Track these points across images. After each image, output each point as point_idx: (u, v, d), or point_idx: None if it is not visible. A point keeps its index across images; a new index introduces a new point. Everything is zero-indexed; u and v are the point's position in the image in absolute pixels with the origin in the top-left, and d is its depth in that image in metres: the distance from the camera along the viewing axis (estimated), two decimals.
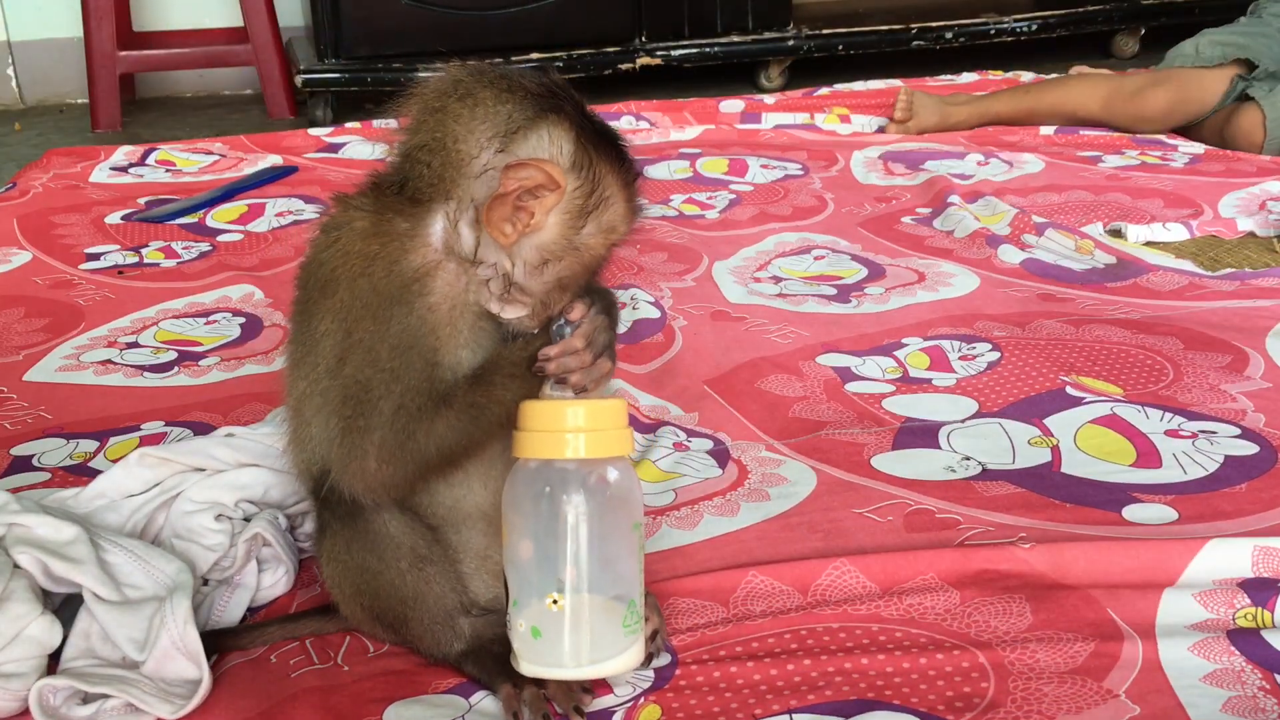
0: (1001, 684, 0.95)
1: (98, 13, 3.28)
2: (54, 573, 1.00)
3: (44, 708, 0.95)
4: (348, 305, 0.91)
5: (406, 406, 0.89)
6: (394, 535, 0.96)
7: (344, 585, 0.99)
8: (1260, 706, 0.92)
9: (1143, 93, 2.68)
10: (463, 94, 0.92)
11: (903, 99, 2.80)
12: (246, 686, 1.00)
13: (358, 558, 0.97)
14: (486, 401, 0.91)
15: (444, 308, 0.91)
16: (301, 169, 2.63)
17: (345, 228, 0.93)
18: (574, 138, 0.91)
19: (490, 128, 0.90)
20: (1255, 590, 1.05)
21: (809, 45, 3.59)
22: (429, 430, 0.90)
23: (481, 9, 3.37)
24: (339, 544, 0.98)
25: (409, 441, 0.90)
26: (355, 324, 0.90)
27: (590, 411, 0.89)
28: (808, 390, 1.52)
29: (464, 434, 0.91)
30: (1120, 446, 1.35)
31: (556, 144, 0.90)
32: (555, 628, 0.89)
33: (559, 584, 0.89)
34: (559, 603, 0.88)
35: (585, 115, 0.93)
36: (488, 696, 0.97)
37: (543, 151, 0.90)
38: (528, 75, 0.93)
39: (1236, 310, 1.71)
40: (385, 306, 0.90)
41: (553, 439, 0.89)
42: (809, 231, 2.14)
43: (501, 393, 0.91)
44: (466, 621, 0.99)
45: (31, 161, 2.75)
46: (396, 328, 0.90)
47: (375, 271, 0.90)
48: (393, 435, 0.90)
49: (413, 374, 0.90)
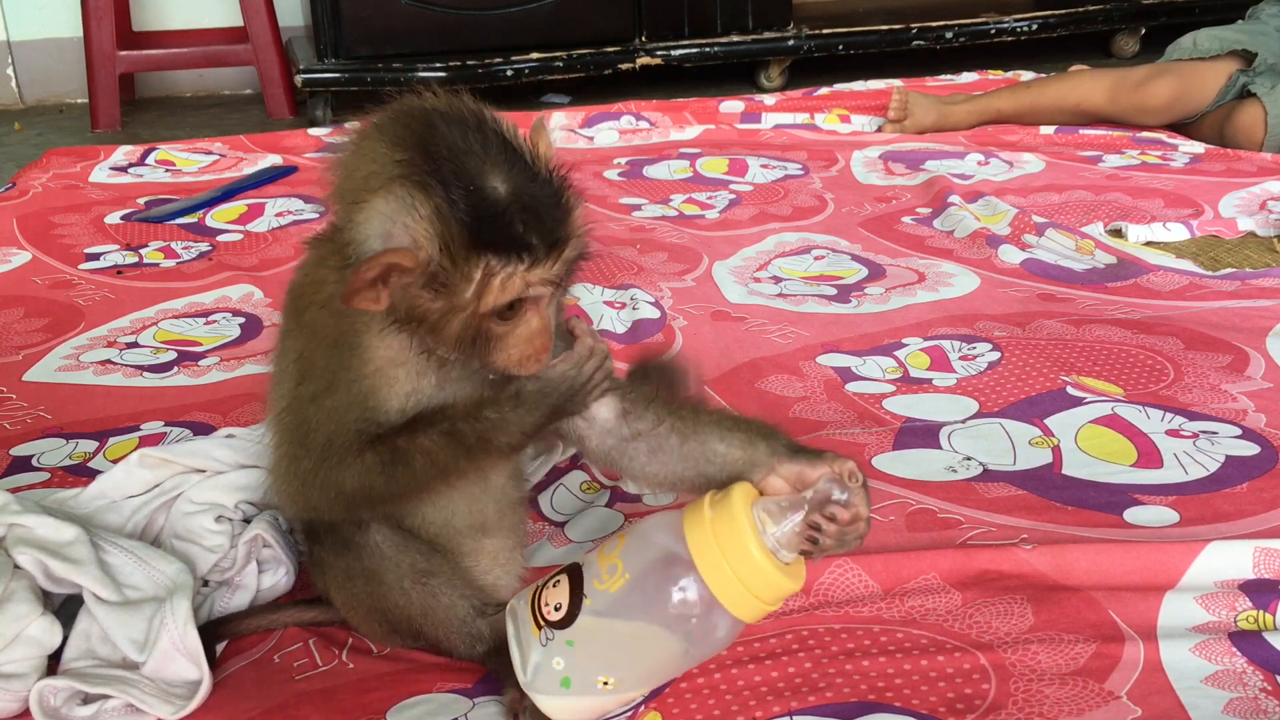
0: (1003, 685, 0.95)
1: (97, 13, 3.28)
2: (54, 573, 1.00)
3: (44, 708, 0.94)
4: (310, 330, 0.92)
5: (333, 442, 0.90)
6: (390, 556, 0.97)
7: (357, 609, 1.00)
8: (1261, 708, 0.92)
9: (1146, 83, 2.68)
10: (353, 144, 0.90)
11: (896, 98, 2.80)
12: (249, 687, 1.00)
13: (360, 585, 0.98)
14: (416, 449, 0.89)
15: (383, 357, 0.90)
16: (301, 169, 2.62)
17: (312, 256, 0.94)
18: (430, 217, 0.83)
19: (350, 189, 0.87)
20: (1256, 593, 1.05)
21: (809, 45, 3.59)
22: (353, 469, 0.90)
23: (481, 9, 3.37)
24: (338, 575, 0.99)
25: (331, 475, 0.91)
26: (308, 352, 0.92)
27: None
28: (808, 390, 1.52)
29: (393, 477, 0.90)
30: (1121, 447, 1.35)
31: (411, 221, 0.83)
32: (588, 693, 0.88)
33: (625, 678, 0.89)
34: (609, 684, 0.88)
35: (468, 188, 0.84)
36: (490, 696, 0.97)
37: (392, 225, 0.84)
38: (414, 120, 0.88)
39: (1237, 310, 1.71)
40: (330, 345, 0.91)
41: (757, 608, 0.87)
42: (809, 231, 2.14)
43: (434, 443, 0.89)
44: (484, 623, 0.99)
45: (31, 161, 2.75)
46: (337, 365, 0.90)
47: (325, 304, 0.91)
48: (318, 468, 0.91)
49: (343, 413, 0.90)
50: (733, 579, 0.85)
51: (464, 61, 3.34)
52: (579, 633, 0.87)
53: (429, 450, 0.89)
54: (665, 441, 0.94)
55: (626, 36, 3.48)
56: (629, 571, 0.87)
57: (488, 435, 0.89)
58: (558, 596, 0.89)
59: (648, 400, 0.96)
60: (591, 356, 0.90)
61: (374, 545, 0.97)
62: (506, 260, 0.83)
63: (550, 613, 0.88)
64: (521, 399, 0.89)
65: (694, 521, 0.87)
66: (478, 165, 0.84)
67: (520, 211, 0.84)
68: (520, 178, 0.85)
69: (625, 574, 0.87)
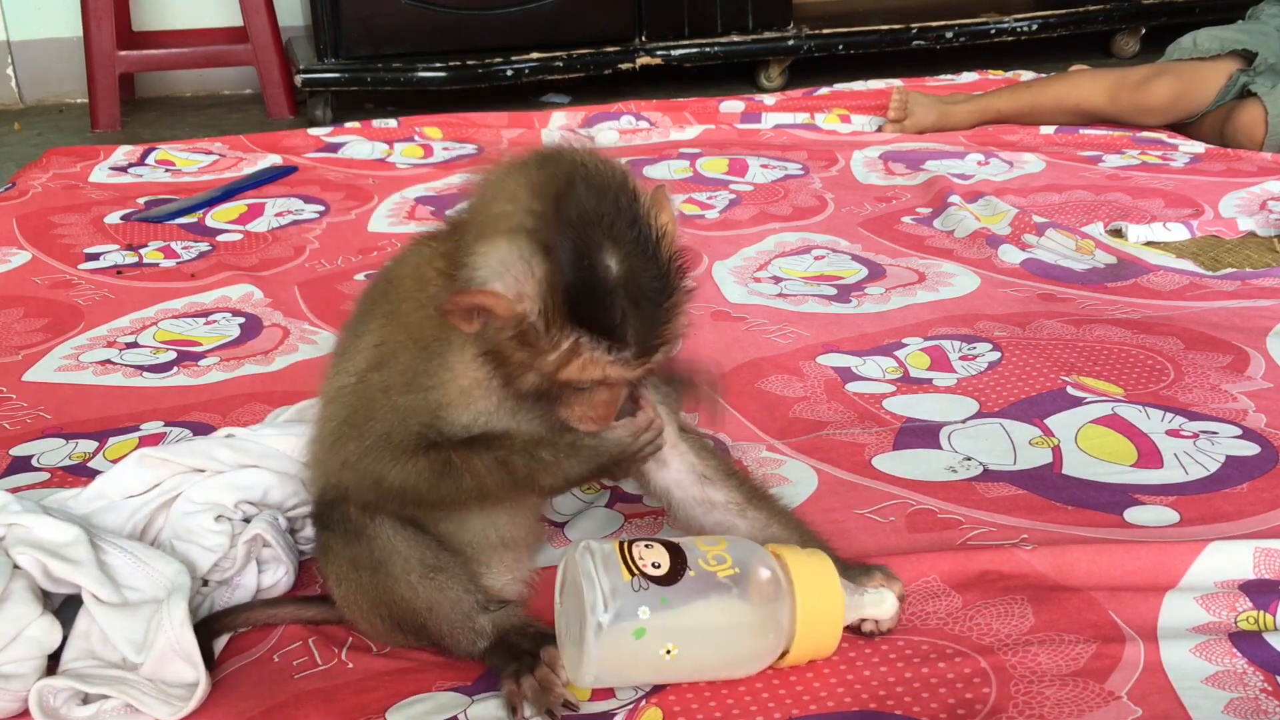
0: (1003, 689, 0.95)
1: (97, 12, 3.27)
2: (53, 574, 1.00)
3: (44, 708, 0.94)
4: (401, 324, 0.94)
5: (391, 438, 0.93)
6: (399, 550, 0.98)
7: (360, 603, 1.01)
8: (1262, 708, 0.92)
9: (1147, 83, 2.68)
10: (499, 173, 0.92)
11: (896, 98, 2.80)
12: (248, 687, 1.00)
13: (366, 576, 0.99)
14: (466, 468, 0.93)
15: (466, 375, 0.93)
16: (301, 169, 2.62)
17: (420, 252, 0.96)
18: (540, 279, 0.86)
19: (481, 217, 0.90)
20: (1256, 594, 1.05)
21: (809, 45, 3.59)
22: (401, 468, 0.93)
23: (481, 9, 3.37)
24: (343, 565, 1.00)
25: (377, 466, 0.94)
26: (392, 342, 0.94)
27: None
28: (808, 390, 1.52)
29: (436, 487, 0.94)
30: (1121, 447, 1.35)
31: (518, 275, 0.86)
32: (647, 651, 0.91)
33: (684, 655, 0.93)
34: (670, 653, 0.92)
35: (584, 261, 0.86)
36: (489, 693, 0.97)
37: (501, 272, 0.86)
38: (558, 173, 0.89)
39: (1237, 310, 1.71)
40: (418, 345, 0.93)
41: (818, 645, 0.98)
42: (809, 231, 2.14)
43: (485, 466, 0.93)
44: (487, 619, 0.99)
45: (31, 161, 2.74)
46: (420, 368, 0.93)
47: (424, 305, 0.93)
48: (366, 454, 0.94)
49: (411, 414, 0.93)
50: (818, 616, 0.95)
51: (464, 61, 3.34)
52: (675, 594, 0.92)
53: (479, 472, 0.93)
54: (734, 523, 1.04)
55: (626, 36, 3.47)
56: (737, 566, 0.94)
57: (536, 474, 0.94)
58: (655, 557, 0.94)
59: (727, 473, 1.05)
60: (649, 429, 0.95)
61: (385, 538, 0.98)
62: (596, 345, 0.87)
63: (648, 568, 0.93)
64: (576, 450, 0.94)
65: (794, 557, 0.97)
66: (600, 239, 0.86)
67: (626, 302, 0.87)
68: (637, 263, 0.87)
69: (734, 568, 0.94)
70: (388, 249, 2.06)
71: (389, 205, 2.36)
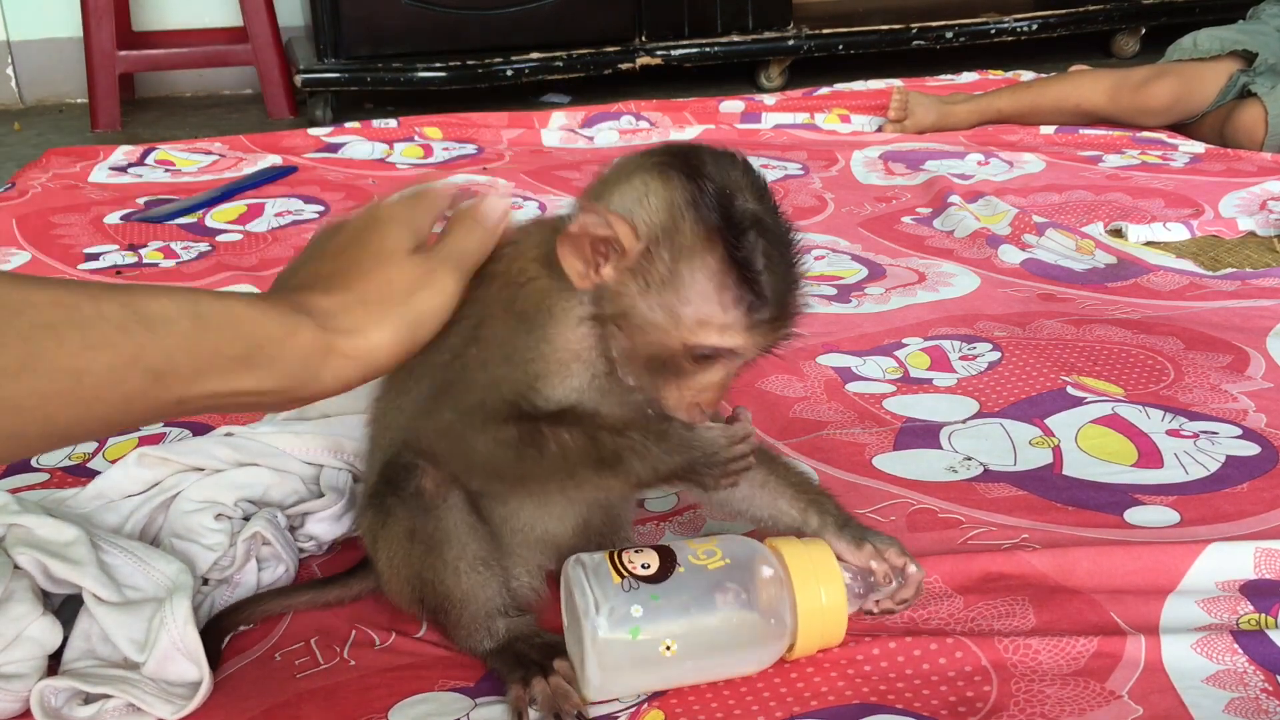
0: (1004, 687, 0.95)
1: (97, 12, 3.28)
2: (53, 574, 1.00)
3: (45, 708, 0.94)
4: (491, 301, 0.92)
5: (485, 405, 0.90)
6: (460, 537, 0.97)
7: (399, 570, 0.99)
8: (1263, 708, 0.92)
9: (1147, 84, 2.69)
10: (618, 163, 0.91)
11: (896, 98, 2.81)
12: (250, 686, 1.00)
13: (419, 551, 0.97)
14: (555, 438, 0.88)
15: (565, 348, 0.91)
16: (301, 169, 2.62)
17: (525, 239, 0.94)
18: (672, 206, 0.83)
19: (608, 180, 0.89)
20: (1257, 596, 1.05)
21: (809, 45, 3.59)
22: (490, 435, 0.90)
23: (481, 9, 3.37)
24: (400, 531, 0.98)
25: (468, 434, 0.91)
26: (488, 319, 0.92)
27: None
28: (808, 390, 1.52)
29: (522, 458, 0.90)
30: (1121, 447, 1.35)
31: (648, 206, 0.84)
32: (647, 648, 0.91)
33: (684, 651, 0.92)
34: (670, 650, 0.91)
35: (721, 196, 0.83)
36: (492, 697, 0.97)
37: (631, 206, 0.85)
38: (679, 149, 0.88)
39: (1237, 310, 1.71)
40: (517, 318, 0.91)
41: (823, 637, 0.97)
42: (809, 231, 2.14)
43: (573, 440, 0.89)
44: (504, 623, 0.99)
45: (30, 161, 2.74)
46: (520, 341, 0.90)
47: (525, 284, 0.91)
48: (458, 422, 0.91)
49: (506, 385, 0.90)
50: (818, 605, 0.94)
51: (464, 61, 3.34)
52: (666, 589, 0.91)
53: (565, 445, 0.88)
54: (751, 486, 1.00)
55: (626, 36, 3.48)
56: (728, 558, 0.94)
57: (622, 455, 0.88)
58: (645, 559, 0.93)
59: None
60: (745, 440, 0.90)
61: (452, 522, 0.96)
62: (731, 297, 0.83)
63: (638, 569, 0.92)
64: (667, 438, 0.88)
65: (790, 548, 0.96)
66: (736, 181, 0.84)
67: (764, 250, 0.83)
68: (770, 215, 0.85)
69: (725, 559, 0.94)
70: None
71: None
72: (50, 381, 0.65)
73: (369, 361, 0.82)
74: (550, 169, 2.59)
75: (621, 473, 0.88)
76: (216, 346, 0.74)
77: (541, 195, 2.38)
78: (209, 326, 0.73)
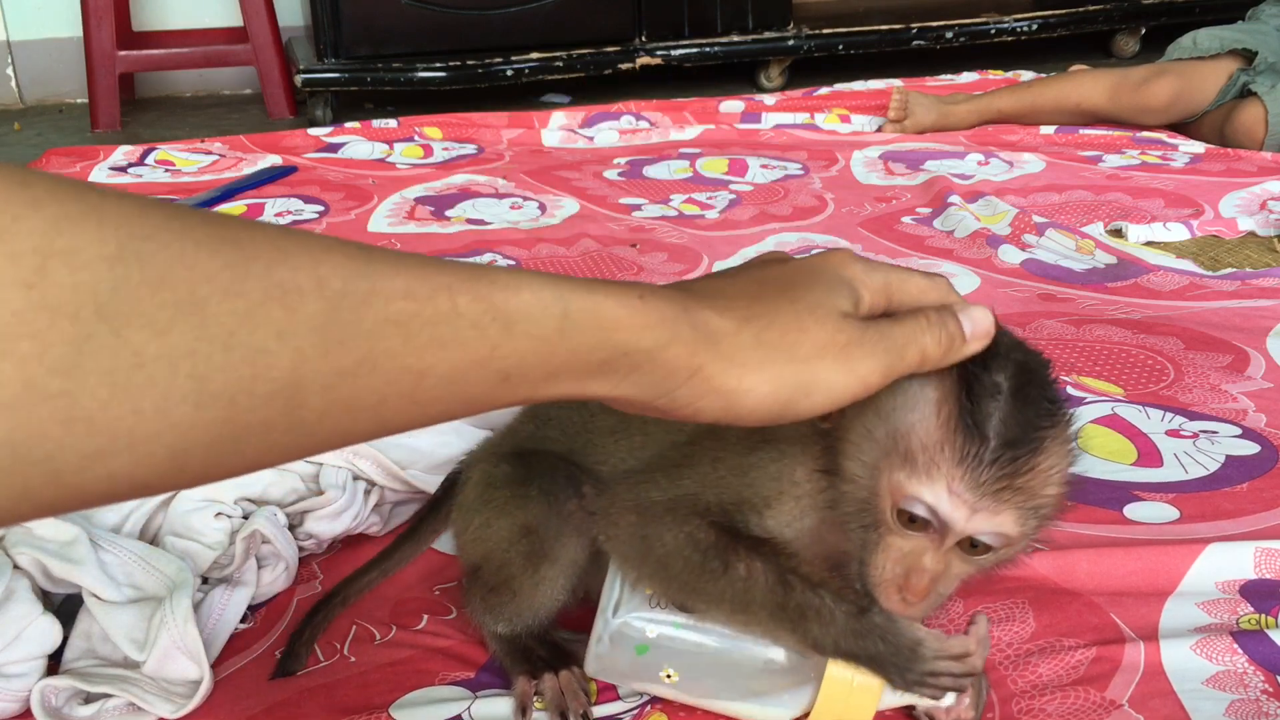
0: (1005, 708, 0.93)
1: (97, 12, 3.28)
2: (53, 573, 1.00)
3: (46, 708, 0.94)
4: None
5: (696, 500, 0.83)
6: (565, 569, 0.95)
7: (487, 539, 0.96)
8: (1264, 710, 0.92)
9: (1148, 83, 2.69)
10: None
11: (896, 98, 2.81)
12: (250, 684, 1.00)
13: (523, 545, 0.94)
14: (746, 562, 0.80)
15: (789, 470, 0.83)
16: (301, 169, 2.62)
17: None
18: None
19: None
20: (1257, 597, 1.05)
21: (809, 45, 3.60)
22: (683, 529, 0.82)
23: (481, 9, 3.37)
24: (519, 519, 0.94)
25: (664, 518, 0.84)
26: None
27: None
28: None
29: (703, 566, 0.82)
30: (1121, 446, 1.35)
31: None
32: (648, 666, 0.89)
33: (683, 682, 0.89)
34: (670, 678, 0.88)
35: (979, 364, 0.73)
36: (493, 690, 0.97)
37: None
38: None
39: (1237, 310, 1.71)
40: (764, 434, 0.83)
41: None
42: (809, 231, 2.14)
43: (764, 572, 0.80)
44: (527, 628, 0.98)
45: (31, 161, 2.75)
46: (751, 458, 0.84)
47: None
48: (660, 503, 0.84)
49: (729, 491, 0.83)
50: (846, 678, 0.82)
51: (464, 61, 3.34)
52: (689, 621, 0.86)
53: (754, 573, 0.80)
54: None
55: (626, 36, 3.48)
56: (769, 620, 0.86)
57: (805, 612, 0.79)
58: None
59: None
60: (965, 658, 0.79)
61: (571, 555, 0.94)
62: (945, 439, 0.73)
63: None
64: (860, 615, 0.78)
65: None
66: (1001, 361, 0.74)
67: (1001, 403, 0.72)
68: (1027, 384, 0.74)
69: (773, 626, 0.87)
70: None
71: (389, 205, 2.36)
72: (390, 383, 0.58)
73: (731, 404, 0.69)
74: (550, 169, 2.59)
75: (799, 630, 0.80)
76: (577, 352, 0.64)
77: (541, 195, 2.39)
78: (574, 330, 0.63)
